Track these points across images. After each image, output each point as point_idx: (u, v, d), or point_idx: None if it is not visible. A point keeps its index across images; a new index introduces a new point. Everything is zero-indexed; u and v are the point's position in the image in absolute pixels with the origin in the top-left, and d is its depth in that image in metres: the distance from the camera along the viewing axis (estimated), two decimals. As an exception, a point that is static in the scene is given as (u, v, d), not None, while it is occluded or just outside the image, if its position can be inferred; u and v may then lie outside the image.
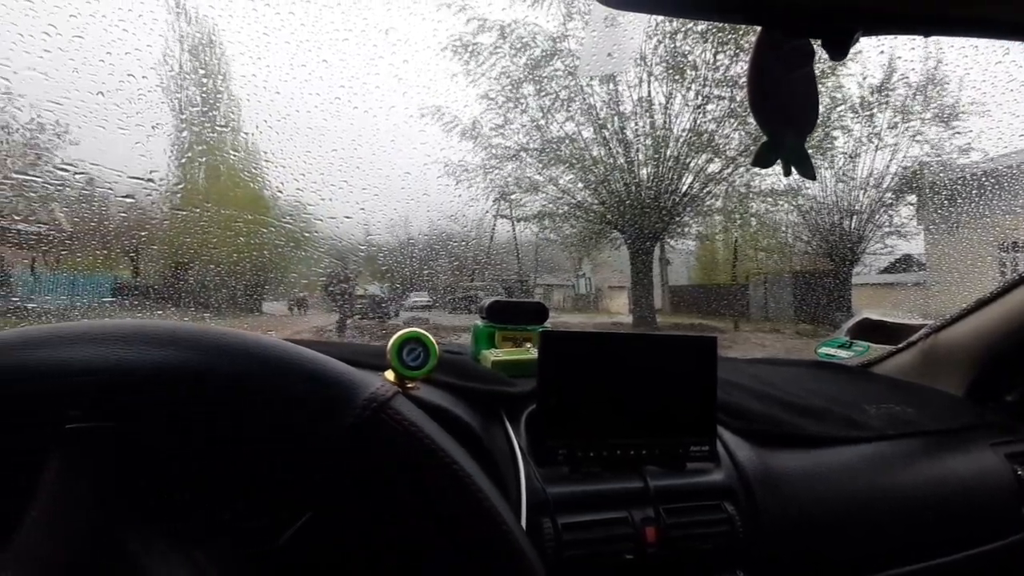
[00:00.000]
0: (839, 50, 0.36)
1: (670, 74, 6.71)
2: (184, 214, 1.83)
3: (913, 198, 6.53)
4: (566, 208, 7.14)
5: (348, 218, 1.96)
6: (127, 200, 1.54)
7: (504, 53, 6.69)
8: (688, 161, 6.74)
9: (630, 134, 6.89)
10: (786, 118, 0.42)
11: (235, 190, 2.20)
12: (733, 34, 6.10)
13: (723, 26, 5.82)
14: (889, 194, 6.75)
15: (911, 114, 6.45)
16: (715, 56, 6.52)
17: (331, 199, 1.82)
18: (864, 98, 6.53)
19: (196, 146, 2.22)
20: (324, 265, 2.53)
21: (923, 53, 5.98)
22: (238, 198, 2.20)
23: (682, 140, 6.72)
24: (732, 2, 0.38)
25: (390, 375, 0.42)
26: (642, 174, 6.82)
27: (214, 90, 2.59)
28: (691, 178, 6.81)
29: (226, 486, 0.34)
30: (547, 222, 7.31)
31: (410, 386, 0.42)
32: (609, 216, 6.87)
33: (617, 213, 6.79)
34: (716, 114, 6.66)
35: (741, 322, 7.36)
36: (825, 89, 5.96)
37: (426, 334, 0.43)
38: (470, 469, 0.35)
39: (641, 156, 6.87)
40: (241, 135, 2.36)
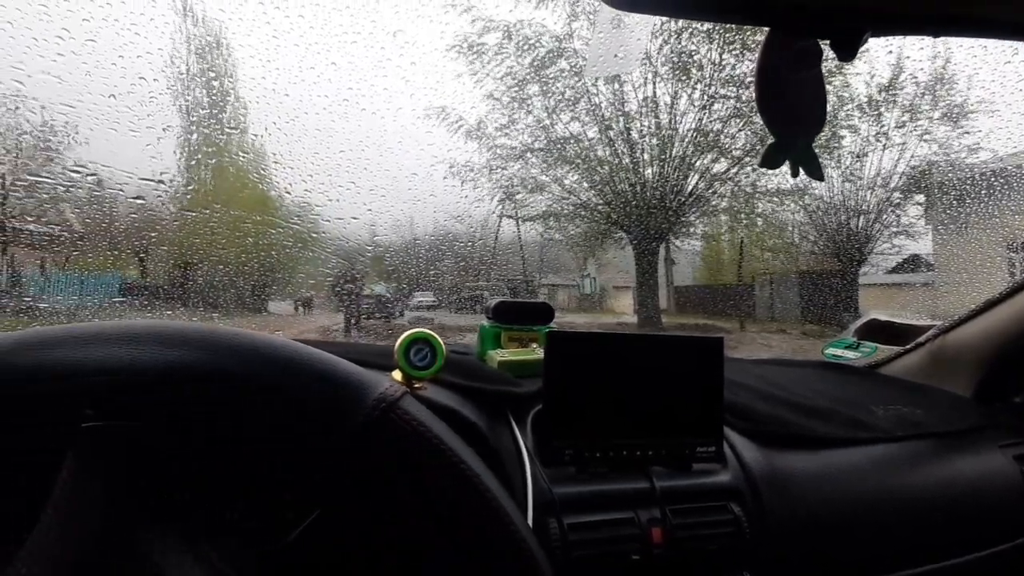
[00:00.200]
0: (847, 51, 0.36)
1: (676, 73, 6.66)
2: (193, 215, 1.85)
3: (921, 198, 6.45)
4: (571, 208, 7.11)
5: (355, 219, 1.97)
6: (137, 201, 1.56)
7: (510, 53, 6.70)
8: (694, 161, 6.69)
9: (635, 134, 6.86)
10: (794, 119, 0.42)
11: (243, 191, 2.22)
12: (739, 33, 6.04)
13: (729, 26, 5.78)
14: (897, 194, 6.68)
15: (919, 113, 6.38)
16: (721, 55, 6.48)
17: (338, 200, 1.83)
18: (872, 97, 6.47)
19: (205, 148, 2.24)
20: (331, 265, 2.54)
21: (931, 52, 5.94)
22: (246, 199, 2.21)
23: (688, 140, 6.68)
24: (740, 3, 0.38)
25: (397, 375, 0.42)
26: (647, 174, 6.78)
27: (222, 92, 2.61)
28: (696, 178, 6.77)
29: (235, 485, 0.34)
30: (552, 222, 7.28)
31: (417, 386, 0.42)
32: (614, 216, 6.82)
33: (622, 213, 6.75)
34: (722, 113, 6.62)
35: (747, 322, 7.32)
36: (832, 88, 5.91)
37: (433, 334, 0.43)
38: (477, 469, 0.35)
39: (646, 156, 6.84)
40: (250, 137, 2.38)
